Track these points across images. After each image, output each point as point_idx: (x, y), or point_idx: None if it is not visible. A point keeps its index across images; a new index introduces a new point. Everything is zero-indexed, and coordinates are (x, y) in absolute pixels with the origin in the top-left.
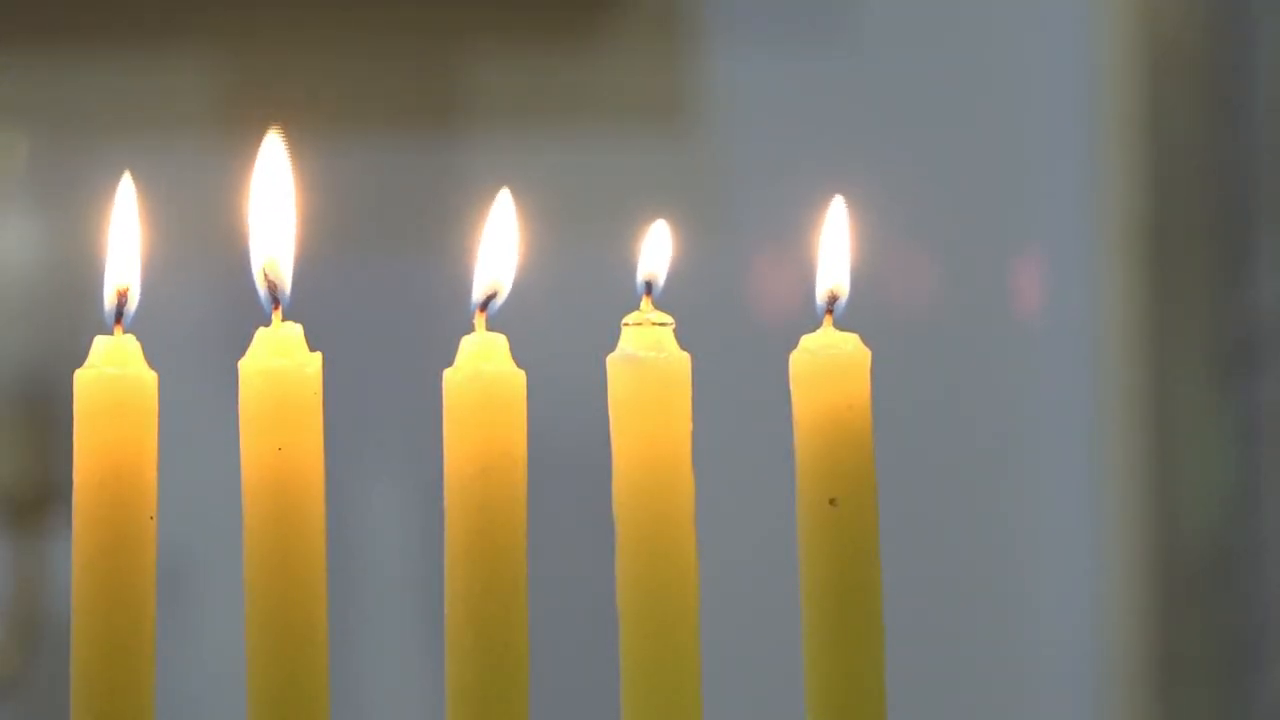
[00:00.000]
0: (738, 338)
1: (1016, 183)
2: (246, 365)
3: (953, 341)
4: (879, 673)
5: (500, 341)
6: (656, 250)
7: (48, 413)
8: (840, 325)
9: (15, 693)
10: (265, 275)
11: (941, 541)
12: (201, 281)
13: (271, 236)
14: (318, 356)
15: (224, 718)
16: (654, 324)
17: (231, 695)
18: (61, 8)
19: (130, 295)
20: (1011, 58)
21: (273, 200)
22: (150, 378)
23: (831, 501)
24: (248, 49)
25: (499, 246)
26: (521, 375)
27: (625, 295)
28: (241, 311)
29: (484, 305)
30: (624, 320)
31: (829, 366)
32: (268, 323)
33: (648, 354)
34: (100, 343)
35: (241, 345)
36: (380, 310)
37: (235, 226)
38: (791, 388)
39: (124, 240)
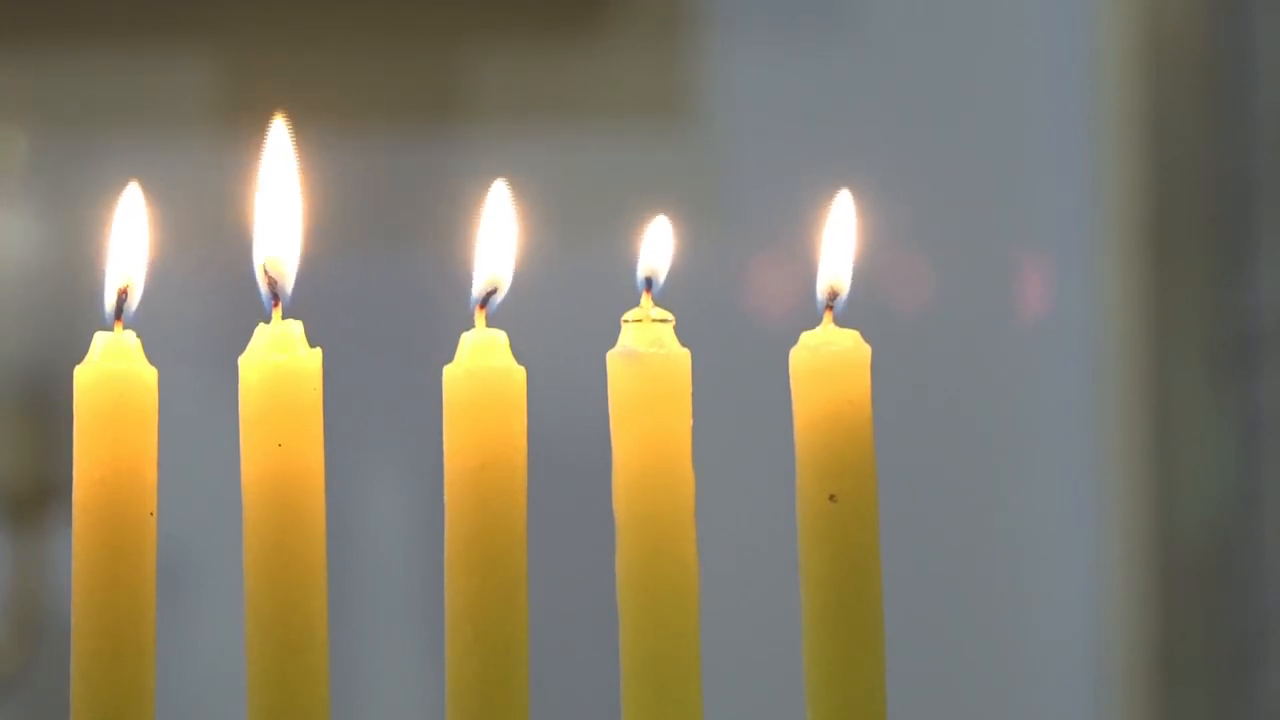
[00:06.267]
0: (738, 334)
1: (1017, 180)
2: (246, 361)
3: (953, 338)
4: (879, 670)
5: (500, 338)
6: (657, 246)
7: (47, 410)
8: (840, 322)
9: (15, 691)
10: (266, 272)
11: (941, 538)
12: (202, 278)
13: (273, 233)
14: (318, 353)
15: (224, 716)
16: (654, 320)
17: (231, 692)
18: (61, 5)
19: (131, 292)
20: (1013, 55)
21: (275, 197)
22: (150, 374)
23: (831, 498)
24: (247, 46)
25: (499, 242)
26: (522, 371)
27: (626, 292)
28: (241, 308)
29: (484, 301)
30: (624, 317)
31: (829, 363)
32: (268, 319)
33: (648, 350)
34: (100, 339)
35: (241, 341)
36: (380, 307)
37: (235, 223)
38: (792, 384)
39: (128, 240)
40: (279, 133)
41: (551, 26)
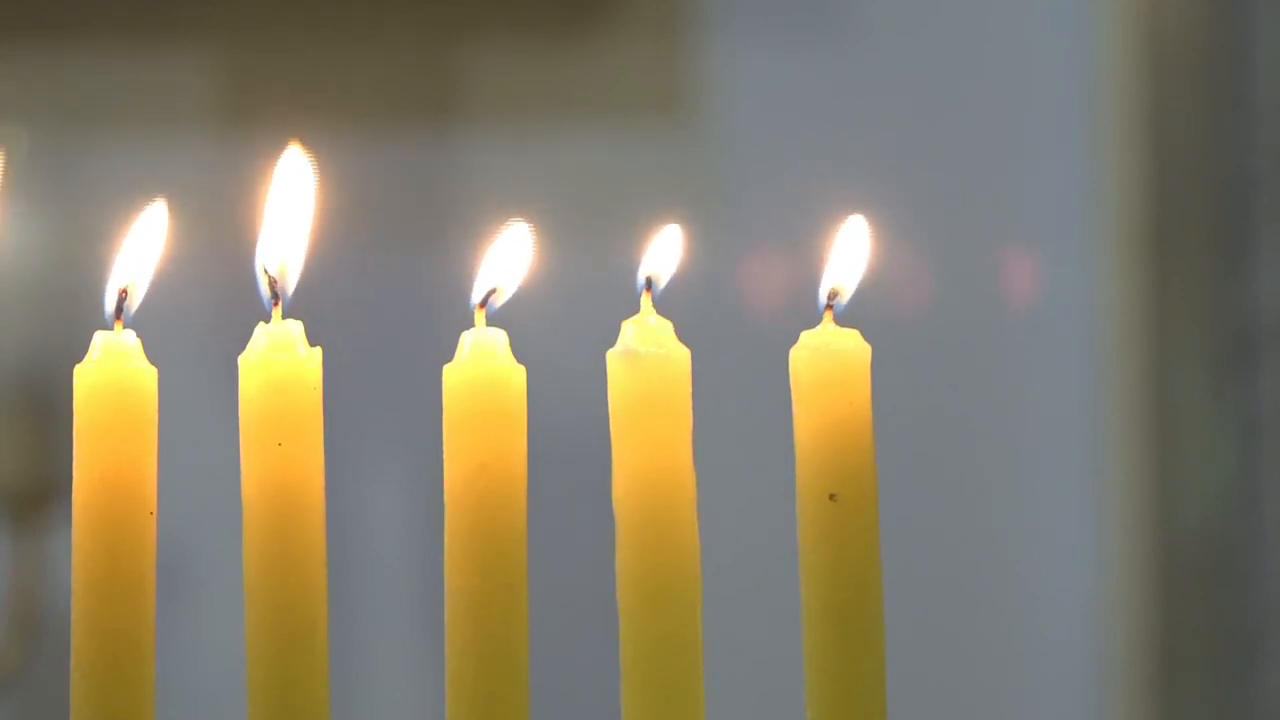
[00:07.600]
0: (738, 334)
1: (1017, 180)
2: (246, 361)
3: (953, 338)
4: (879, 669)
5: (500, 337)
6: (664, 255)
7: (48, 408)
8: (841, 322)
9: (15, 690)
10: (266, 271)
11: (941, 537)
12: (202, 278)
13: (274, 233)
14: (318, 352)
15: (224, 715)
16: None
17: (232, 691)
18: (61, 5)
19: (132, 292)
20: (1013, 55)
21: (277, 198)
22: (150, 373)
23: (831, 497)
24: (247, 46)
25: (501, 244)
26: (522, 371)
27: (626, 291)
28: (242, 308)
29: (484, 301)
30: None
31: (829, 363)
32: (268, 319)
33: (648, 350)
34: (100, 338)
35: (242, 341)
36: (381, 306)
37: (235, 222)
38: (792, 384)
39: (133, 243)
40: (283, 136)
41: (551, 26)
